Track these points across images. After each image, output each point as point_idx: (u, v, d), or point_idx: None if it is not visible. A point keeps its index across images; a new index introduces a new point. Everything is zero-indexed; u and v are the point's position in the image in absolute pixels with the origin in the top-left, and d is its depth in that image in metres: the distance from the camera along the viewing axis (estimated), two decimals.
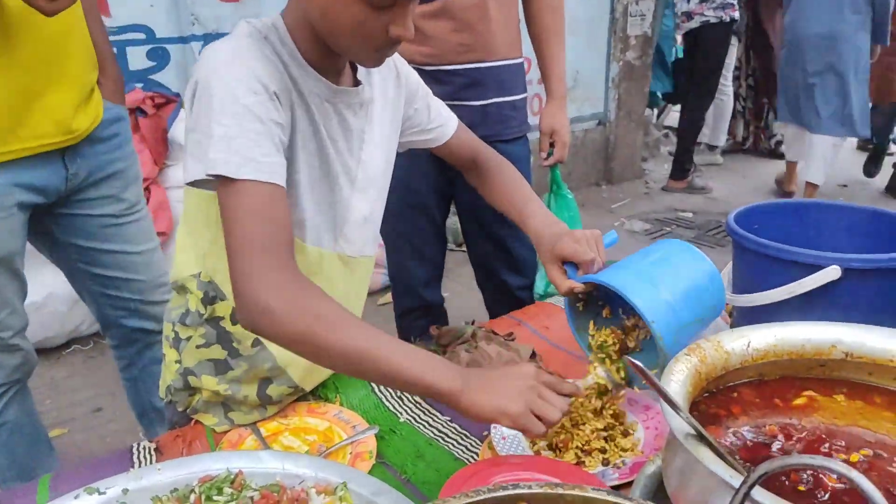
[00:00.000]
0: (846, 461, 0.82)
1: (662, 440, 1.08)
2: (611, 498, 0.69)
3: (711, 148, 6.13)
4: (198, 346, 1.20)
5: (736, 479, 0.68)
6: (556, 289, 1.20)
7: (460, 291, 3.45)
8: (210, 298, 1.17)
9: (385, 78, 1.26)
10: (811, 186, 4.68)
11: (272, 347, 1.21)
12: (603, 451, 1.05)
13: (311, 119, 1.10)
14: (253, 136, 0.96)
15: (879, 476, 0.80)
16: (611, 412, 1.13)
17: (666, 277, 1.08)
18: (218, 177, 0.96)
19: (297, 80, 1.07)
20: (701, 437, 0.75)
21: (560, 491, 0.69)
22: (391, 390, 1.31)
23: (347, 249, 1.23)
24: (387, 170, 1.30)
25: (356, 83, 1.18)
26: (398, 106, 1.30)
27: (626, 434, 1.09)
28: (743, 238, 1.17)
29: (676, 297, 1.07)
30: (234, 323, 1.18)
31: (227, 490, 0.93)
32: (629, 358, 0.70)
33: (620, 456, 1.04)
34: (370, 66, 1.12)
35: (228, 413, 1.23)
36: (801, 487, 0.79)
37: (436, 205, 2.00)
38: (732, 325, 1.33)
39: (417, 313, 2.12)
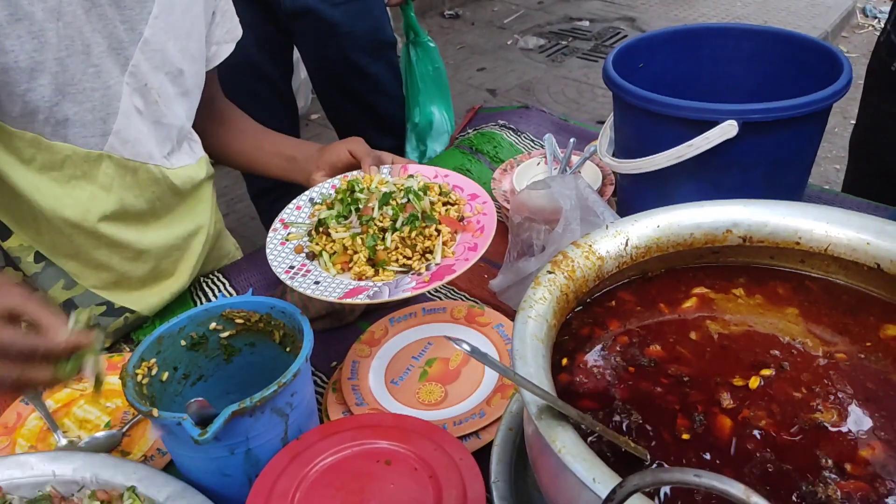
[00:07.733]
0: (745, 388, 0.67)
1: (479, 245, 0.87)
2: None
3: None
4: None
5: (602, 486, 0.50)
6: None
7: None
8: None
9: None
10: None
11: (59, 260, 1.01)
12: (406, 257, 0.87)
13: None
14: None
15: (780, 406, 0.64)
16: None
17: None
18: None
19: None
20: (563, 415, 0.56)
21: None
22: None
23: (125, 151, 0.97)
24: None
25: None
26: None
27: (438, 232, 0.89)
28: (622, 91, 0.93)
29: None
30: (2, 238, 0.98)
31: None
32: (455, 339, 0.49)
33: (426, 260, 0.87)
34: None
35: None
36: (686, 436, 0.63)
37: (271, 62, 1.63)
38: (617, 192, 1.13)
39: (275, 194, 1.80)
